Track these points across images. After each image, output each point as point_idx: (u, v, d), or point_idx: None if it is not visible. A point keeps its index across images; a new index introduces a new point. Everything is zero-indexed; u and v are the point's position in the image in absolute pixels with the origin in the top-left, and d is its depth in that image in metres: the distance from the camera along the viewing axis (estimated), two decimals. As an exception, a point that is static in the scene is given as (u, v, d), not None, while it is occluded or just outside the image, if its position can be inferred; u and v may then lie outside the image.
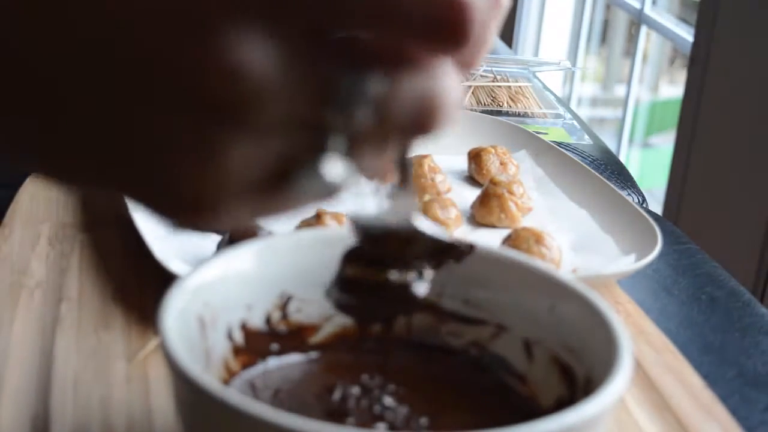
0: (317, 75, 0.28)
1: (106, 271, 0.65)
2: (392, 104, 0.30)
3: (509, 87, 1.27)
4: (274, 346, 0.48)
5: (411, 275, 0.42)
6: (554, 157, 0.87)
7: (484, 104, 1.18)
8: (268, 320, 0.48)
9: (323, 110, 0.29)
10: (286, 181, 0.30)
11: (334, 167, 0.30)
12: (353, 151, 0.31)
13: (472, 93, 1.22)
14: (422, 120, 0.30)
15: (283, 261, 0.48)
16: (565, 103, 1.28)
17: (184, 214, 0.30)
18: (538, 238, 0.67)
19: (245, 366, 0.46)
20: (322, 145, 0.30)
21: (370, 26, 0.28)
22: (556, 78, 2.93)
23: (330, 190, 0.31)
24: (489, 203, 0.76)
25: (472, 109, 1.12)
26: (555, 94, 1.30)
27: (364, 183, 0.33)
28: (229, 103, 0.27)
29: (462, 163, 0.86)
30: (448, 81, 0.31)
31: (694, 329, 0.69)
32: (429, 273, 0.42)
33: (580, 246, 0.73)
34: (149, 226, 0.68)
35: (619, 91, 3.43)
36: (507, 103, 1.22)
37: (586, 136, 1.17)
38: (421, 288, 0.42)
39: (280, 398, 0.45)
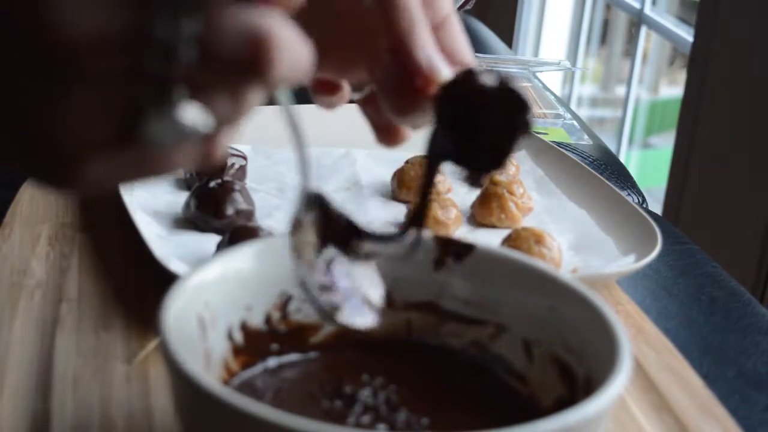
0: (134, 19, 0.30)
1: (106, 271, 0.65)
2: (212, 43, 0.31)
3: (509, 87, 1.27)
4: (274, 346, 0.48)
5: None
6: (554, 157, 0.87)
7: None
8: (268, 320, 0.48)
9: (147, 54, 0.30)
10: (138, 132, 0.31)
11: (185, 112, 0.31)
12: (202, 98, 0.32)
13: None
14: (250, 58, 0.31)
15: (283, 261, 0.48)
16: (565, 103, 1.28)
17: (48, 173, 0.32)
18: (538, 238, 0.67)
19: (245, 366, 0.46)
20: (162, 90, 0.31)
21: None
22: (556, 78, 2.93)
23: (185, 136, 0.32)
24: (489, 203, 0.76)
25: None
26: (555, 94, 1.30)
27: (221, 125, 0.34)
28: (53, 57, 0.29)
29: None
30: (274, 22, 0.31)
31: (694, 329, 0.69)
32: None
33: (580, 246, 0.73)
34: (149, 226, 0.68)
35: (619, 91, 3.43)
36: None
37: (586, 136, 1.17)
38: None
39: (280, 398, 0.45)
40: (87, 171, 0.32)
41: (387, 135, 0.49)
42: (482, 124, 0.42)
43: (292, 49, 0.32)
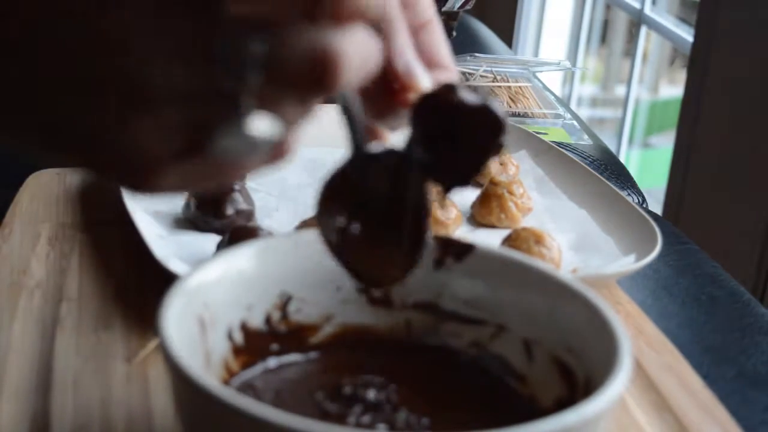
0: (203, 42, 0.31)
1: (106, 271, 0.65)
2: (280, 62, 0.32)
3: (509, 87, 1.27)
4: (274, 346, 0.48)
5: None
6: (554, 157, 0.87)
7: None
8: (268, 320, 0.48)
9: (217, 74, 0.31)
10: (209, 144, 0.33)
11: (254, 124, 0.32)
12: (270, 106, 0.33)
13: (472, 93, 1.22)
14: (316, 73, 0.32)
15: (283, 261, 0.48)
16: (565, 103, 1.28)
17: (123, 179, 0.34)
18: (538, 238, 0.67)
19: (245, 366, 0.46)
20: (232, 106, 0.32)
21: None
22: (556, 78, 2.93)
23: (256, 147, 0.33)
24: (489, 203, 0.76)
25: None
26: (555, 94, 1.30)
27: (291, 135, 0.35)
28: (125, 77, 0.31)
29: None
30: (341, 37, 0.32)
31: (694, 329, 0.69)
32: None
33: (580, 246, 0.73)
34: (149, 226, 0.68)
35: (619, 91, 3.43)
36: (507, 103, 1.22)
37: (586, 136, 1.17)
38: None
39: (280, 398, 0.45)
40: (161, 180, 0.34)
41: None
42: (456, 140, 0.42)
43: (358, 59, 0.33)
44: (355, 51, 0.32)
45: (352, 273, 0.44)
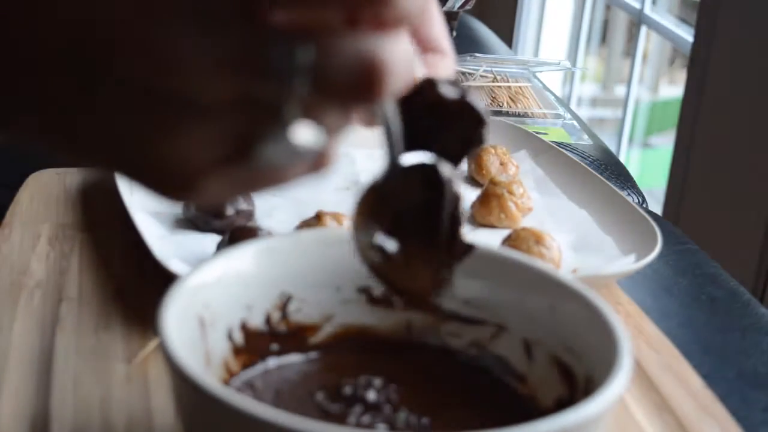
0: (249, 51, 0.31)
1: (106, 271, 0.65)
2: (326, 70, 0.31)
3: (509, 87, 1.27)
4: (274, 346, 0.48)
5: None
6: (554, 157, 0.87)
7: (484, 104, 1.18)
8: (268, 320, 0.48)
9: (262, 83, 0.31)
10: (253, 153, 0.33)
11: (298, 133, 0.32)
12: (313, 115, 0.33)
13: (472, 93, 1.21)
14: (362, 82, 0.32)
15: (283, 261, 0.48)
16: (565, 103, 1.28)
17: (165, 188, 0.34)
18: (538, 238, 0.67)
19: (245, 366, 0.46)
20: (277, 115, 0.32)
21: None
22: (556, 78, 2.94)
23: (299, 156, 0.33)
24: (489, 203, 0.76)
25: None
26: (555, 94, 1.30)
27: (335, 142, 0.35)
28: (171, 86, 0.30)
29: (462, 163, 0.86)
30: (386, 45, 0.32)
31: (694, 329, 0.69)
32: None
33: (580, 246, 0.73)
34: (149, 226, 0.68)
35: (619, 91, 3.43)
36: (507, 103, 1.22)
37: (586, 136, 1.17)
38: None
39: (280, 398, 0.45)
40: (202, 188, 0.33)
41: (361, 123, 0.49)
42: (438, 134, 0.42)
43: (401, 68, 0.32)
44: (399, 59, 0.32)
45: (393, 289, 0.44)
